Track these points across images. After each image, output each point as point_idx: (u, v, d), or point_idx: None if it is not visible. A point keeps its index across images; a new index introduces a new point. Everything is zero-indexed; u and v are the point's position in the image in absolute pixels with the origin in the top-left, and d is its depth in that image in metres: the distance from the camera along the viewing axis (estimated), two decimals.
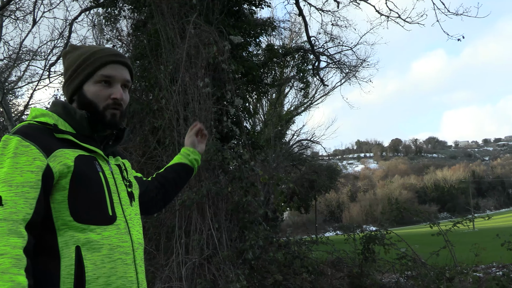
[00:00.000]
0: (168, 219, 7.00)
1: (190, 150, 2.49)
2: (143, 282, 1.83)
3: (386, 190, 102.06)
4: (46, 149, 1.64)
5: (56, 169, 1.63)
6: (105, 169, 1.82)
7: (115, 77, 1.87)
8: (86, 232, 1.63)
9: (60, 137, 1.72)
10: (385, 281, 8.77)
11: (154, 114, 7.99)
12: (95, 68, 1.84)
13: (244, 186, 6.66)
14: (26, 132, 1.65)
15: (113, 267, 1.66)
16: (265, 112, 28.33)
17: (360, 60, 22.25)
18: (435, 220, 7.74)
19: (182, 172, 2.41)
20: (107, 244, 1.66)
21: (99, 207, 1.71)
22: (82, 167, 1.69)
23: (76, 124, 1.80)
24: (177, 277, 6.25)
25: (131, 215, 1.87)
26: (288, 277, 7.72)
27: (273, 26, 11.54)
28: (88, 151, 1.78)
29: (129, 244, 1.76)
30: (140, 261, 1.84)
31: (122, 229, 1.75)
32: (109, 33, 10.37)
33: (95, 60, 1.85)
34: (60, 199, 1.64)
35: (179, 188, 2.44)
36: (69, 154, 1.69)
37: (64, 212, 1.63)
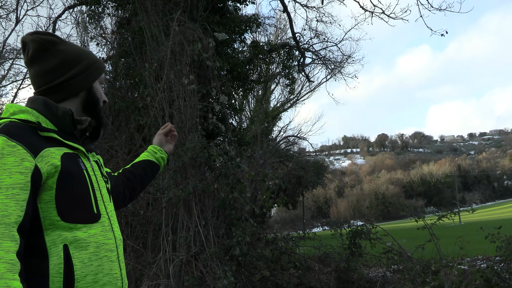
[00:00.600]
0: (154, 216, 6.99)
1: (157, 149, 2.50)
2: (124, 278, 1.84)
3: (373, 185, 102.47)
4: (33, 149, 1.61)
5: (44, 170, 1.61)
6: (87, 166, 1.83)
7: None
8: (73, 231, 1.64)
9: (45, 135, 1.69)
10: (372, 275, 8.82)
11: (140, 111, 7.97)
12: (102, 71, 1.97)
13: (230, 183, 6.67)
14: (11, 131, 1.61)
15: (100, 265, 1.67)
16: (251, 109, 28.33)
17: (345, 56, 22.32)
18: (420, 214, 7.79)
19: (148, 169, 2.41)
20: (93, 242, 1.68)
21: (85, 205, 1.72)
22: (68, 166, 1.69)
23: (58, 121, 1.77)
24: (164, 275, 6.25)
25: (112, 211, 1.89)
26: (276, 272, 7.74)
27: (258, 23, 11.52)
28: (71, 149, 1.77)
29: (113, 241, 1.78)
30: (122, 257, 1.86)
31: (106, 226, 1.77)
32: (93, 31, 10.31)
33: (101, 63, 1.98)
34: (47, 199, 1.63)
35: (145, 184, 2.43)
36: (55, 153, 1.68)
37: (52, 212, 1.63)
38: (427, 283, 6.39)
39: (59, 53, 1.83)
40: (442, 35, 13.86)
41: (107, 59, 9.90)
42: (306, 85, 31.50)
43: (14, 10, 14.09)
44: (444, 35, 13.84)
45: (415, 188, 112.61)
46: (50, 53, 1.83)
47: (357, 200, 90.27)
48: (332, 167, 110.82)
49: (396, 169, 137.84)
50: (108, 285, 1.69)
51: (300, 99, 33.05)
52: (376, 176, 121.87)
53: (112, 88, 9.13)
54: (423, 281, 6.53)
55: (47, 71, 1.82)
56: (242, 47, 12.24)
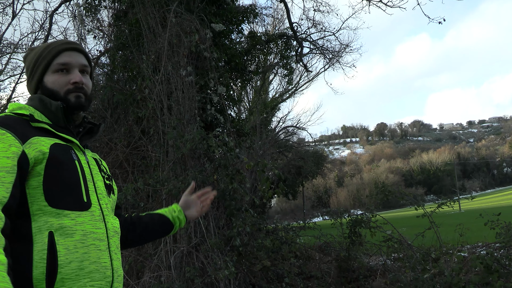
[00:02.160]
0: (155, 208, 7.00)
1: (177, 209, 2.44)
2: (118, 269, 1.83)
3: (372, 174, 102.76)
4: (22, 137, 1.68)
5: (31, 155, 1.66)
6: (81, 159, 1.86)
7: (70, 63, 1.93)
8: (60, 217, 1.66)
9: (36, 126, 1.77)
10: (373, 263, 8.87)
11: (138, 104, 7.97)
12: (50, 59, 1.92)
13: (229, 174, 6.68)
14: (2, 121, 1.70)
15: (86, 252, 1.67)
16: (250, 100, 28.30)
17: (343, 46, 22.22)
18: (420, 202, 7.79)
19: (158, 221, 2.35)
20: (80, 230, 1.68)
21: (73, 193, 1.73)
22: (57, 154, 1.73)
23: (51, 115, 1.85)
24: (165, 266, 6.27)
25: (107, 205, 1.89)
26: (276, 262, 7.78)
27: (255, 13, 11.47)
28: (64, 141, 1.82)
29: (103, 231, 1.78)
30: (116, 249, 1.85)
31: (96, 216, 1.77)
32: (90, 24, 10.28)
33: (50, 51, 1.93)
34: (35, 185, 1.66)
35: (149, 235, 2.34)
36: (45, 141, 1.72)
37: (39, 197, 1.66)
38: (427, 271, 6.41)
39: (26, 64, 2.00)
40: (440, 22, 13.83)
41: (104, 52, 9.87)
42: (305, 75, 31.48)
43: (10, 4, 14.02)
44: (441, 22, 13.80)
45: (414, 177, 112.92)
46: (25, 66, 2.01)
47: (357, 190, 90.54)
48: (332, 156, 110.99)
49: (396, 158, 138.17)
50: (95, 273, 1.68)
51: (299, 89, 33.06)
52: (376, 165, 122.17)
53: (110, 81, 9.11)
54: (423, 269, 6.56)
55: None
56: (239, 38, 12.21)
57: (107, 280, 1.73)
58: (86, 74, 2.00)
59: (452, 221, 10.61)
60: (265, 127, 25.90)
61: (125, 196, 6.63)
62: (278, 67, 22.01)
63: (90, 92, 1.99)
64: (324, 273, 8.06)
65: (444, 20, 13.72)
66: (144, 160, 7.75)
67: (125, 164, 7.83)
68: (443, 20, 13.74)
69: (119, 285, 1.83)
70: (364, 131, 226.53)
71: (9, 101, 18.07)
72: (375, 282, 7.55)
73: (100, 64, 10.00)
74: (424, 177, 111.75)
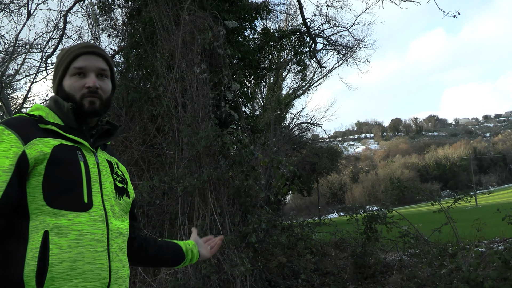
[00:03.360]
0: (170, 206, 7.03)
1: (192, 244, 2.43)
2: (118, 271, 1.81)
3: (387, 170, 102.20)
4: (25, 137, 1.71)
5: (32, 155, 1.68)
6: (89, 159, 1.85)
7: (86, 67, 1.93)
8: (57, 217, 1.66)
9: (44, 127, 1.79)
10: (389, 259, 8.83)
11: (153, 102, 7.99)
12: (68, 62, 1.93)
13: (244, 170, 6.68)
14: (10, 122, 1.74)
15: (80, 253, 1.66)
16: (264, 97, 28.27)
17: (357, 41, 22.13)
18: (436, 197, 7.74)
19: (171, 249, 2.34)
20: (76, 230, 1.67)
21: (73, 193, 1.72)
22: (60, 155, 1.74)
23: (64, 116, 1.88)
24: None
25: (114, 207, 1.88)
26: (292, 259, 7.78)
27: (268, 10, 11.44)
28: (72, 142, 1.83)
29: (103, 232, 1.76)
30: (118, 250, 1.83)
31: (97, 217, 1.75)
32: (104, 23, 10.33)
33: (69, 55, 1.95)
34: (35, 184, 1.68)
35: (160, 259, 2.32)
36: (49, 142, 1.74)
37: (38, 196, 1.67)
38: (444, 266, 6.37)
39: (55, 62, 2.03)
40: (455, 16, 13.69)
41: (118, 50, 9.92)
42: (318, 71, 31.35)
43: (25, 5, 14.17)
44: (456, 16, 13.66)
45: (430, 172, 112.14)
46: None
47: (372, 185, 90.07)
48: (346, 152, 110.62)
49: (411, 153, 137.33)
50: (88, 273, 1.67)
51: (313, 85, 32.92)
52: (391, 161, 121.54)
53: (125, 79, 9.16)
54: (440, 264, 6.51)
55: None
56: (252, 35, 12.18)
57: (102, 282, 1.71)
58: (105, 78, 1.99)
59: (469, 216, 10.51)
60: (279, 123, 25.89)
61: (140, 194, 6.66)
62: (291, 63, 22.00)
63: (107, 96, 1.99)
64: (340, 269, 8.05)
65: (459, 13, 13.59)
66: (159, 157, 7.77)
67: (140, 162, 7.86)
68: (458, 13, 13.61)
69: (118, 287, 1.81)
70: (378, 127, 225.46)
71: (25, 100, 18.23)
72: (392, 278, 7.51)
73: (114, 63, 10.04)
74: (440, 172, 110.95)
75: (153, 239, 2.29)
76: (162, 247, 2.29)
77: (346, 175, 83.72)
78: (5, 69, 17.99)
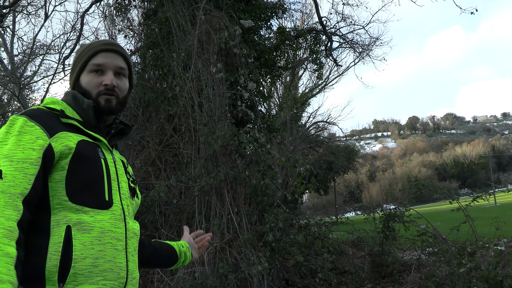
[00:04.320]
0: (187, 205, 7.06)
1: (185, 245, 2.43)
2: (133, 271, 1.81)
3: (405, 168, 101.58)
4: (50, 130, 1.69)
5: (58, 149, 1.66)
6: (108, 158, 1.85)
7: (105, 65, 1.92)
8: (79, 213, 1.64)
9: (65, 121, 1.77)
10: (407, 258, 8.78)
11: (169, 102, 8.03)
12: (87, 58, 1.92)
13: (261, 170, 6.68)
14: (33, 113, 1.71)
15: (102, 250, 1.65)
16: (280, 96, 28.23)
17: (373, 39, 22.02)
18: (454, 196, 7.67)
19: (165, 251, 2.32)
20: (98, 227, 1.66)
21: (95, 190, 1.72)
22: (83, 151, 1.72)
23: (83, 112, 1.85)
24: (199, 262, 6.32)
25: (129, 207, 1.87)
26: (309, 258, 7.77)
27: (284, 9, 11.42)
28: (92, 139, 1.82)
29: (122, 231, 1.76)
30: (133, 251, 1.82)
31: (117, 215, 1.75)
32: (120, 24, 10.40)
33: (88, 50, 1.93)
34: (58, 179, 1.66)
35: (154, 261, 2.29)
36: (72, 137, 1.73)
37: (61, 191, 1.65)
38: (463, 265, 6.32)
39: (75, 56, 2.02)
40: (472, 13, 13.54)
41: (135, 50, 9.98)
42: (334, 70, 31.24)
43: (42, 7, 14.32)
44: (473, 13, 13.52)
45: (448, 170, 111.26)
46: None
47: (389, 184, 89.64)
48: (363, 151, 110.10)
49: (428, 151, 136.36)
50: (108, 272, 1.66)
51: (329, 84, 32.83)
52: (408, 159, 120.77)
53: (141, 80, 9.21)
54: (459, 263, 6.47)
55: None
56: (268, 34, 12.18)
57: (120, 281, 1.71)
58: (123, 76, 1.98)
59: (487, 215, 10.42)
60: (295, 122, 25.82)
61: (158, 193, 6.69)
62: (307, 62, 21.91)
63: (124, 95, 1.98)
64: (358, 268, 8.02)
65: (476, 10, 13.45)
66: (176, 157, 7.81)
67: (157, 162, 7.90)
68: (475, 10, 13.48)
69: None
70: (395, 125, 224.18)
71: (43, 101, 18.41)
72: (410, 277, 7.47)
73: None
74: (458, 170, 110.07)
75: (148, 241, 2.27)
76: (157, 250, 2.28)
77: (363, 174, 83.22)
78: (23, 71, 18.21)
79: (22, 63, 18.41)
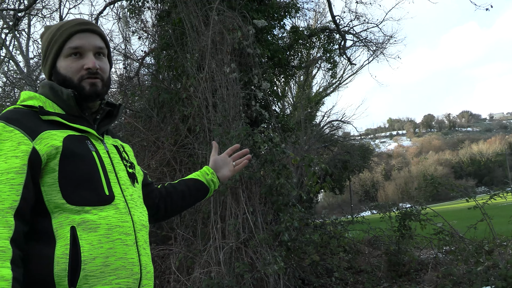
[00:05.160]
0: (203, 205, 7.07)
1: (209, 171, 2.34)
2: (147, 265, 1.72)
3: (421, 167, 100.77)
4: (31, 132, 1.57)
5: (43, 151, 1.56)
6: (99, 149, 1.74)
7: (83, 47, 1.77)
8: (81, 213, 1.56)
9: (47, 119, 1.65)
10: (423, 257, 8.72)
11: (183, 102, 8.05)
12: (62, 42, 1.77)
13: (276, 169, 6.67)
14: (9, 116, 1.59)
15: (112, 248, 1.57)
16: (294, 95, 28.21)
17: (387, 37, 21.94)
18: (471, 194, 7.60)
19: (193, 187, 2.26)
20: (104, 224, 1.58)
21: (93, 187, 1.62)
22: (72, 147, 1.62)
23: (63, 104, 1.72)
24: (215, 262, 6.33)
25: (133, 195, 1.78)
26: (325, 257, 7.75)
27: (297, 8, 11.41)
28: (79, 131, 1.71)
29: (130, 224, 1.67)
30: (144, 243, 1.73)
31: (121, 209, 1.66)
32: (134, 26, 10.47)
33: (61, 33, 1.77)
34: (51, 182, 1.57)
35: (187, 202, 2.28)
36: (57, 135, 1.61)
37: (56, 195, 1.56)
38: (481, 263, 6.27)
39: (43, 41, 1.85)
40: (487, 9, 13.43)
41: (149, 52, 10.04)
42: (348, 68, 31.17)
43: (57, 9, 14.44)
44: (488, 9, 13.41)
45: (464, 168, 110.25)
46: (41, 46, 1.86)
47: (405, 183, 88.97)
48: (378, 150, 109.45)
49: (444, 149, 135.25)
50: (121, 269, 1.58)
51: (343, 83, 32.78)
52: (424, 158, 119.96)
53: (156, 81, 9.26)
54: (476, 261, 6.42)
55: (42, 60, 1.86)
56: (281, 33, 12.18)
57: (134, 277, 1.63)
58: (103, 56, 1.83)
59: (505, 213, 10.30)
60: (309, 122, 25.79)
61: None
62: (321, 61, 21.89)
63: (107, 75, 1.83)
64: (374, 267, 7.99)
65: (492, 6, 13.33)
66: (191, 157, 7.83)
67: (172, 162, 7.93)
68: (491, 6, 13.36)
69: (148, 282, 1.71)
70: (410, 123, 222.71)
71: None
72: (427, 276, 7.43)
73: (145, 65, 10.17)
74: (475, 168, 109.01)
75: (173, 188, 2.21)
76: (185, 192, 2.23)
77: (378, 173, 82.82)
78: (39, 73, 18.36)
79: (38, 65, 18.57)
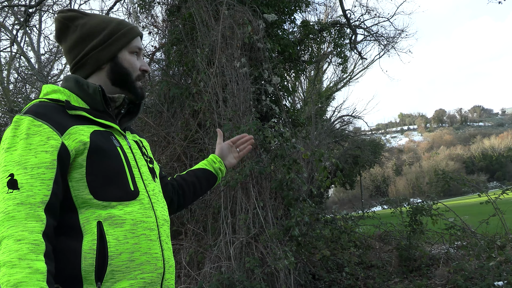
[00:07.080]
0: (213, 200, 7.08)
1: (217, 159, 2.39)
2: (169, 259, 1.75)
3: (432, 162, 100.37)
4: (59, 127, 1.58)
5: (72, 147, 1.57)
6: (123, 144, 1.77)
7: (141, 50, 1.89)
8: (107, 208, 1.59)
9: (73, 113, 1.65)
10: (435, 252, 8.68)
11: (194, 97, 8.05)
12: (130, 38, 1.83)
13: (286, 164, 6.66)
14: (37, 111, 1.59)
15: (137, 243, 1.59)
16: (304, 90, 28.16)
17: (398, 31, 21.89)
18: (483, 188, 7.55)
19: (202, 178, 2.30)
20: (130, 219, 1.60)
21: (119, 183, 1.64)
22: (99, 143, 1.63)
23: (89, 98, 1.73)
24: (225, 257, 6.34)
25: (155, 190, 1.81)
26: (336, 252, 7.74)
27: (307, 2, 11.36)
28: (103, 127, 1.72)
29: (153, 219, 1.69)
30: (166, 238, 1.77)
31: (145, 204, 1.69)
32: (144, 21, 10.48)
33: (129, 30, 1.84)
34: (78, 177, 1.59)
35: (198, 194, 2.31)
36: (84, 130, 1.62)
37: (83, 190, 1.58)
38: (493, 258, 6.23)
39: (78, 27, 1.80)
40: (500, 2, 13.32)
41: (159, 47, 10.04)
42: (359, 63, 31.13)
43: (68, 5, 14.45)
44: (501, 2, 13.29)
45: (476, 163, 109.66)
46: (71, 30, 1.82)
47: (416, 178, 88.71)
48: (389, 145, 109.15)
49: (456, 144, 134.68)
50: (146, 264, 1.61)
51: (353, 77, 32.70)
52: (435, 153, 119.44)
53: (166, 76, 9.26)
54: (488, 257, 6.38)
55: (70, 48, 1.82)
56: (292, 28, 12.12)
57: (158, 272, 1.65)
58: None
59: None
60: (320, 117, 25.74)
61: None
62: (332, 55, 21.81)
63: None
64: (385, 262, 7.97)
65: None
66: (201, 152, 7.83)
67: (183, 157, 7.94)
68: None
69: (170, 276, 1.74)
70: (422, 118, 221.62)
71: None
72: (438, 271, 7.39)
73: (155, 60, 10.18)
74: (486, 163, 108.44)
75: (184, 180, 2.25)
76: (196, 183, 2.27)
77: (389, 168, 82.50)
78: (50, 69, 18.46)
79: (49, 61, 18.67)
